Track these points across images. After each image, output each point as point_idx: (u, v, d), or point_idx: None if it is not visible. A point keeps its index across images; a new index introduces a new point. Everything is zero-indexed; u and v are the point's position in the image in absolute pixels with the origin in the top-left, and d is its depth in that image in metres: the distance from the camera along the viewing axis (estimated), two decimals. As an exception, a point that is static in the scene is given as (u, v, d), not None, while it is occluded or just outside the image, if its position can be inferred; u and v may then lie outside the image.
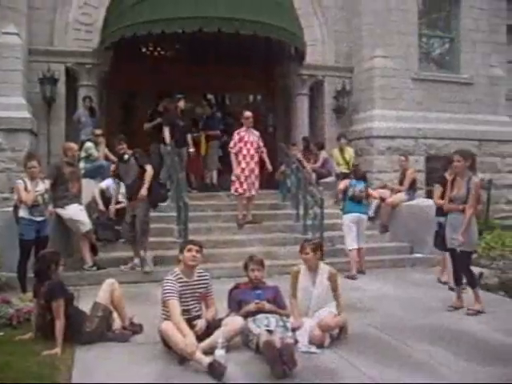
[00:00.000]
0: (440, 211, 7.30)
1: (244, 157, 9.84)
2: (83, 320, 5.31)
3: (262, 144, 10.10)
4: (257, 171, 9.93)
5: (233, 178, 9.90)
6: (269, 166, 10.16)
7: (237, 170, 9.85)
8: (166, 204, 9.34)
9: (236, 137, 9.97)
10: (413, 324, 5.96)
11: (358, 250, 8.78)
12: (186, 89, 11.97)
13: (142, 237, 8.01)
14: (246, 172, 9.80)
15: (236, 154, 9.89)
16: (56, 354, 4.88)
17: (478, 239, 7.23)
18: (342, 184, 9.64)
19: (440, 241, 7.15)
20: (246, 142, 9.89)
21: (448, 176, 7.18)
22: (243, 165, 9.82)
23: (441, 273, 8.03)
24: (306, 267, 5.56)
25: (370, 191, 9.58)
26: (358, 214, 8.82)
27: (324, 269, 5.54)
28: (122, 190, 8.59)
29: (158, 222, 9.07)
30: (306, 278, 5.53)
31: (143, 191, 7.96)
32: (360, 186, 8.96)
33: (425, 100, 12.64)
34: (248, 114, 10.13)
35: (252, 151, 9.89)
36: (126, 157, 8.22)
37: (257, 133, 10.12)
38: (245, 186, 9.78)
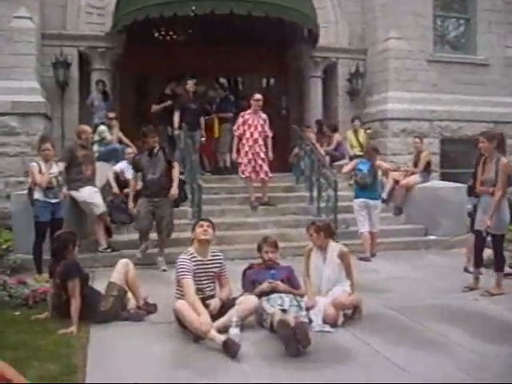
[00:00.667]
0: (474, 193, 7.06)
1: (247, 140, 9.77)
2: (98, 299, 5.35)
3: (267, 128, 9.96)
4: (262, 154, 9.79)
5: (239, 160, 9.89)
6: (270, 153, 9.93)
7: (234, 153, 9.95)
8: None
9: (240, 119, 9.92)
10: (427, 304, 5.94)
11: (371, 232, 8.72)
12: (199, 72, 11.90)
13: (167, 238, 7.89)
14: (250, 155, 9.74)
15: (239, 137, 9.86)
16: (72, 333, 4.92)
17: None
18: (350, 165, 9.38)
19: (473, 223, 6.91)
20: (250, 125, 9.79)
21: None
22: (246, 148, 9.77)
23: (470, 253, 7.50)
24: (316, 246, 5.57)
25: (379, 163, 9.12)
26: (364, 200, 8.67)
27: (335, 247, 5.52)
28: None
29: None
30: (318, 256, 5.54)
31: (174, 191, 7.75)
32: (365, 167, 8.70)
33: (440, 82, 12.47)
34: (258, 96, 9.98)
35: (256, 135, 9.78)
36: (156, 150, 7.91)
37: (264, 116, 9.98)
38: (249, 169, 9.76)
